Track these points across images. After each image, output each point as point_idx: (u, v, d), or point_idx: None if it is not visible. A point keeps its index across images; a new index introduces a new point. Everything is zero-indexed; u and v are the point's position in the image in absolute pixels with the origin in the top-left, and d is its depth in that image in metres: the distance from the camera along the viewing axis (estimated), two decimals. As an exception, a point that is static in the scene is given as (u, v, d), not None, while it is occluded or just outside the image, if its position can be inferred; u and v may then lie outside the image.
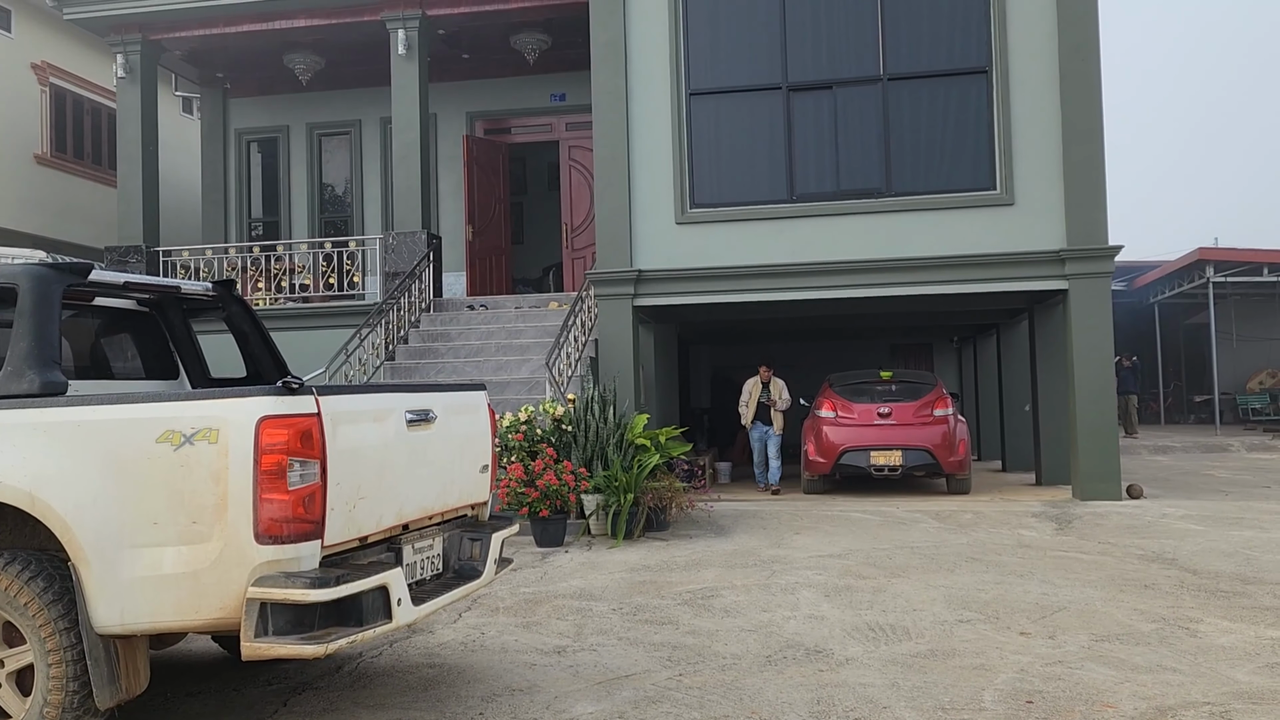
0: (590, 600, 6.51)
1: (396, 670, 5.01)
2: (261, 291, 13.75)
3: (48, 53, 15.87)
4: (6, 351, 3.93)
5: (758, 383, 12.90)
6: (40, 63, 15.72)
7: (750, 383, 12.98)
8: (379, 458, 3.96)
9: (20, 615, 3.59)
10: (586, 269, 13.40)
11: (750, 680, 4.70)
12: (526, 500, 8.69)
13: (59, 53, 16.10)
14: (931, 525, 9.49)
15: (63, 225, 15.89)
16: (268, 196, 16.45)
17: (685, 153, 11.70)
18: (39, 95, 15.76)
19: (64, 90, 16.25)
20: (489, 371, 11.47)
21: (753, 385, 12.92)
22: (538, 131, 15.70)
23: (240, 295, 5.32)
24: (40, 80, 15.77)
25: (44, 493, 3.58)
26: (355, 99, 15.88)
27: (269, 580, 3.44)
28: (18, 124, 15.26)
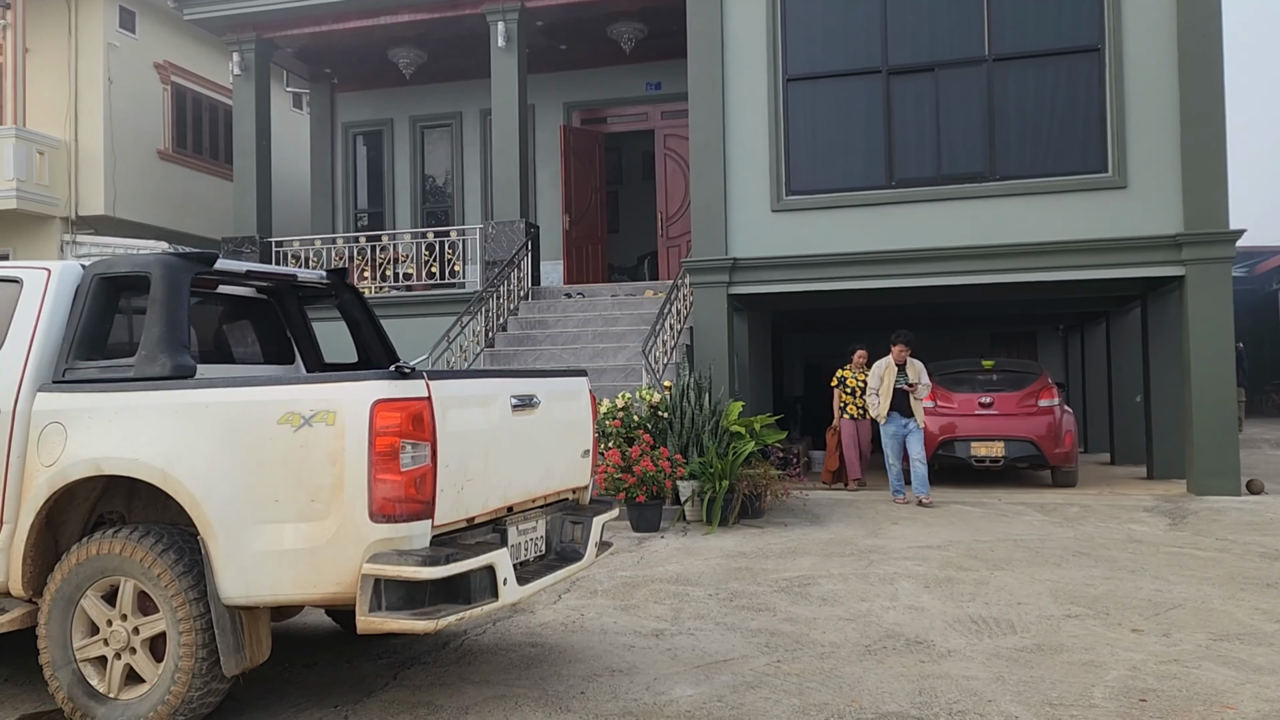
0: (687, 585, 6.56)
1: (500, 648, 5.15)
2: (367, 280, 14.17)
3: (169, 52, 16.61)
4: (141, 336, 4.16)
5: (891, 365, 10.48)
6: (162, 62, 16.46)
7: (882, 364, 10.56)
8: (485, 441, 4.07)
9: (154, 585, 3.81)
10: (681, 257, 13.42)
11: (849, 669, 4.69)
12: (623, 485, 8.79)
13: (179, 52, 16.83)
14: (1036, 518, 9.25)
15: (183, 218, 16.62)
16: (372, 188, 16.93)
17: (781, 139, 11.60)
18: (161, 93, 16.51)
19: (184, 88, 16.99)
20: (586, 359, 11.60)
21: (885, 368, 10.50)
22: (633, 121, 15.77)
23: (352, 284, 5.51)
24: (162, 79, 16.52)
25: (175, 469, 3.78)
26: (456, 91, 16.20)
27: (383, 557, 3.57)
28: (142, 121, 16.03)
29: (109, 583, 3.91)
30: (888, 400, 10.36)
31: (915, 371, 10.43)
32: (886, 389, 10.36)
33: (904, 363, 10.42)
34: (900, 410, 10.42)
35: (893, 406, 10.38)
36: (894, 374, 10.38)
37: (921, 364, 10.55)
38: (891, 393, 10.34)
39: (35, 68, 15.37)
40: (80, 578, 3.92)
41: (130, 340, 4.48)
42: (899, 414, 10.42)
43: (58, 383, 4.12)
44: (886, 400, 10.37)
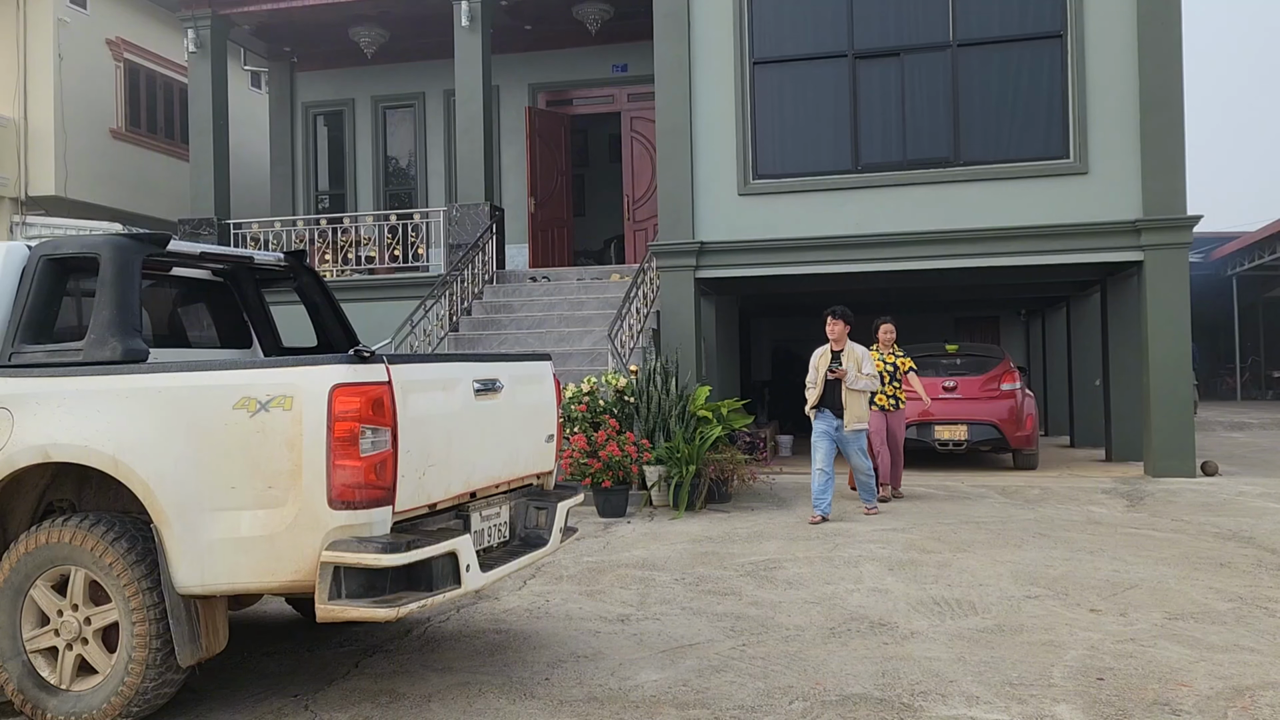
0: (653, 570, 6.54)
1: (464, 635, 5.10)
2: (328, 263, 13.97)
3: (121, 29, 16.21)
4: (90, 320, 4.05)
5: (826, 351, 8.56)
6: (115, 39, 16.07)
7: (819, 352, 8.63)
8: (447, 426, 4.01)
9: (105, 575, 3.72)
10: (648, 241, 13.36)
11: (814, 652, 4.69)
12: (589, 471, 8.75)
13: (132, 29, 16.43)
14: (997, 500, 9.35)
15: (137, 198, 16.28)
16: (334, 169, 16.68)
17: (748, 123, 11.57)
18: (114, 71, 16.12)
19: (137, 66, 16.60)
20: (551, 343, 11.53)
21: (820, 354, 8.59)
22: (599, 103, 15.65)
23: (311, 266, 5.42)
24: (115, 56, 16.12)
25: (127, 457, 3.69)
26: (419, 71, 15.98)
27: (342, 545, 3.51)
28: (94, 99, 15.64)
29: (59, 572, 3.81)
30: (819, 392, 8.44)
31: (853, 358, 8.42)
32: (820, 379, 8.45)
33: (842, 348, 8.47)
34: (831, 406, 8.40)
35: (825, 402, 8.45)
36: (827, 362, 8.45)
37: (865, 350, 8.57)
38: (823, 383, 8.44)
39: (-17, 43, 14.93)
40: (29, 567, 3.82)
41: (80, 324, 4.36)
42: (830, 411, 8.42)
43: (3, 367, 4.00)
44: (816, 392, 8.45)
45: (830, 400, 8.41)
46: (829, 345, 8.51)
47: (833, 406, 8.40)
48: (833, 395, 8.39)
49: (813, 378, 8.52)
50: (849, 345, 8.47)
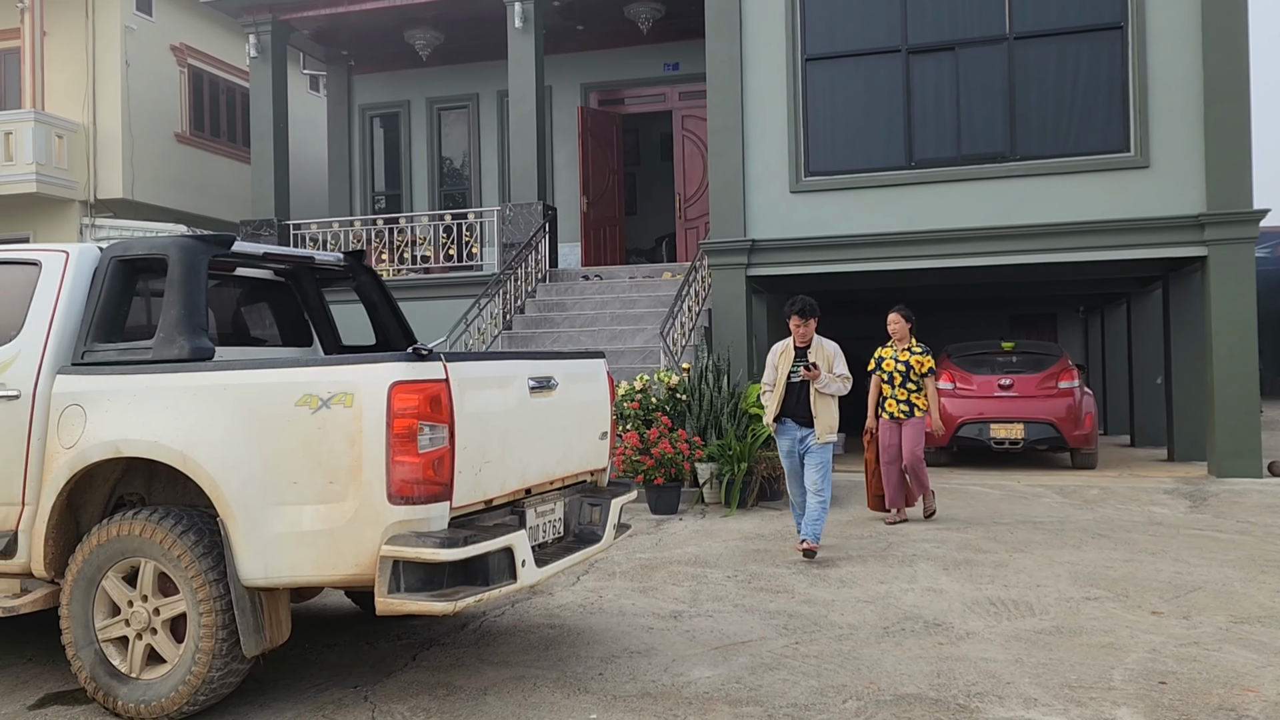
0: (705, 567, 6.56)
1: (518, 629, 5.16)
2: (385, 263, 14.19)
3: (186, 35, 16.62)
4: (159, 319, 4.17)
5: (788, 348, 7.01)
6: (179, 45, 16.48)
7: (778, 348, 7.09)
8: (503, 423, 4.07)
9: (174, 567, 3.83)
10: (700, 239, 13.36)
11: (868, 651, 4.67)
12: (641, 468, 8.79)
13: (196, 35, 16.84)
14: (1055, 500, 9.20)
15: (200, 200, 16.68)
16: (390, 170, 16.93)
17: (800, 120, 11.51)
18: (178, 76, 16.54)
19: (201, 71, 17.00)
20: (603, 341, 11.59)
21: (780, 352, 7.04)
22: (651, 102, 15.68)
23: (370, 266, 5.51)
24: (179, 62, 16.54)
25: (194, 451, 3.80)
26: (473, 73, 16.15)
27: (401, 539, 3.58)
28: (159, 104, 16.06)
29: (129, 564, 3.93)
30: (778, 398, 6.90)
31: (823, 357, 6.91)
32: (780, 381, 6.93)
33: (807, 344, 6.98)
34: (795, 414, 6.87)
35: (786, 410, 6.89)
36: (790, 360, 6.93)
37: (836, 347, 7.01)
38: (783, 386, 6.90)
39: (53, 51, 15.42)
40: (101, 559, 3.94)
41: (148, 323, 4.49)
42: (793, 420, 6.88)
43: (77, 365, 4.13)
44: (777, 398, 6.90)
45: (794, 407, 6.84)
46: (790, 340, 7.00)
47: (797, 415, 6.83)
48: (798, 401, 6.83)
49: (770, 379, 6.97)
50: (818, 341, 6.97)
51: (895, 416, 8.18)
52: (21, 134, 14.54)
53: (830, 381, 6.80)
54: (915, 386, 8.15)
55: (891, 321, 8.30)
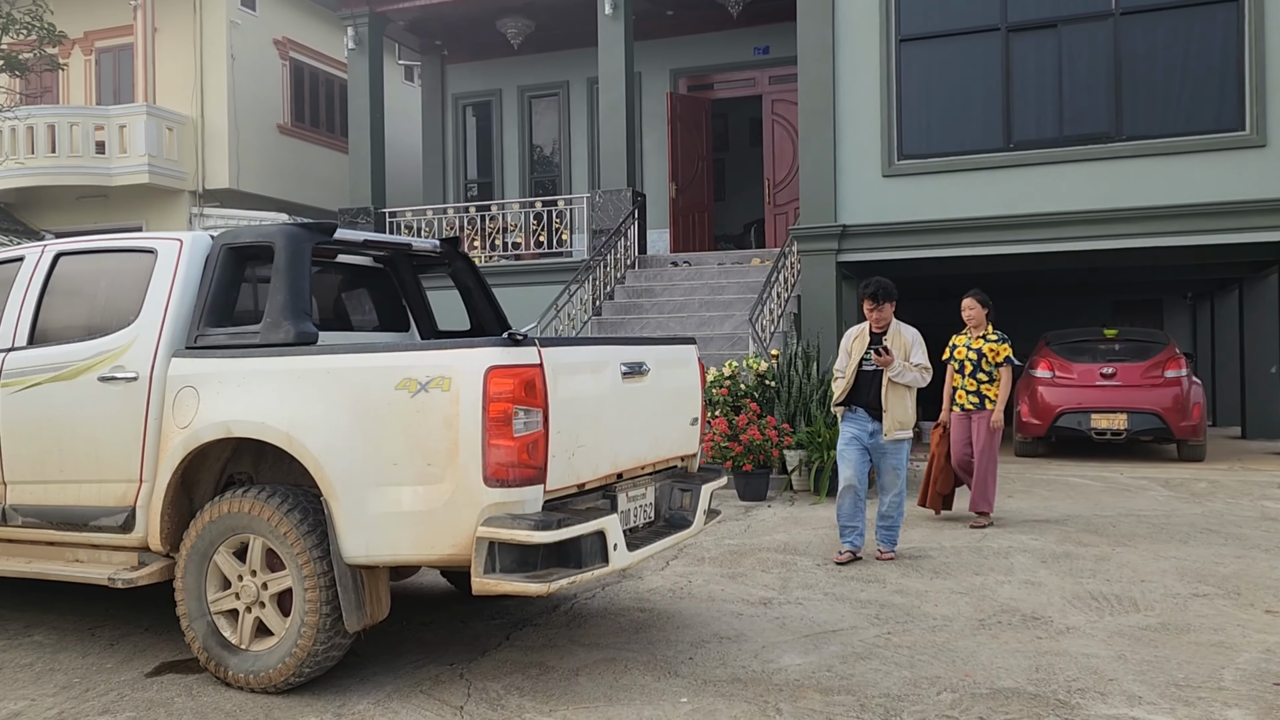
0: (794, 554, 6.52)
1: (609, 612, 5.21)
2: (477, 249, 14.42)
3: (287, 28, 17.13)
4: (265, 304, 4.32)
5: (863, 333, 6.54)
6: (281, 38, 16.99)
7: (852, 332, 6.64)
8: (596, 407, 4.11)
9: (280, 543, 3.97)
10: (789, 225, 13.24)
11: (962, 643, 4.59)
12: (730, 454, 8.77)
13: (296, 28, 17.34)
14: (1160, 493, 8.87)
15: (300, 189, 17.20)
16: (482, 158, 17.18)
17: (893, 102, 11.29)
18: (280, 69, 17.06)
19: (301, 63, 17.51)
20: (692, 327, 11.57)
21: (854, 337, 6.57)
22: (740, 86, 15.56)
23: (465, 252, 5.60)
24: (281, 55, 17.05)
25: (299, 433, 3.93)
26: (563, 61, 16.26)
27: (496, 521, 3.64)
28: (262, 97, 16.60)
29: (239, 540, 4.09)
30: (848, 385, 6.43)
31: (900, 344, 6.39)
32: (851, 367, 6.45)
33: (883, 329, 6.48)
34: (866, 404, 6.35)
35: (857, 399, 6.40)
36: (864, 346, 6.44)
37: (916, 334, 6.51)
38: (854, 372, 6.43)
39: (163, 46, 16.06)
40: (213, 535, 4.11)
41: (255, 308, 4.65)
42: (864, 411, 6.38)
43: (190, 349, 4.31)
44: (847, 385, 6.43)
45: (865, 396, 6.35)
46: (865, 324, 6.54)
47: (868, 404, 6.34)
48: (869, 390, 6.33)
49: (842, 364, 6.53)
50: (895, 326, 6.47)
51: (965, 408, 7.62)
52: (134, 127, 15.20)
53: (905, 370, 6.25)
54: (987, 376, 7.52)
55: (966, 307, 7.74)
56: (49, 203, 16.03)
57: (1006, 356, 7.52)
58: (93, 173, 15.33)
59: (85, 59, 16.68)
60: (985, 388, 7.53)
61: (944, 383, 7.89)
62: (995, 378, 7.51)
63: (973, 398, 7.57)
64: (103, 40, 16.57)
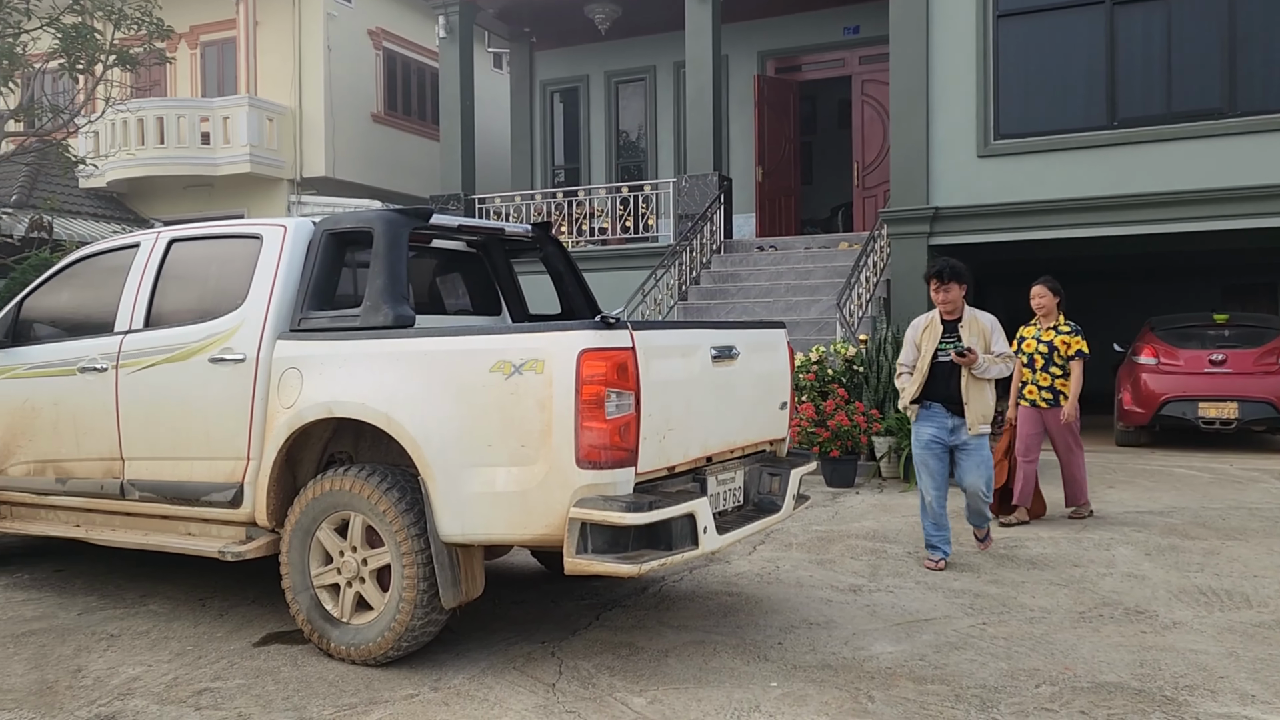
0: (884, 542, 6.43)
1: (697, 595, 5.23)
2: (563, 235, 14.53)
3: (380, 19, 17.48)
4: (365, 288, 4.43)
5: (934, 322, 5.88)
6: (375, 29, 17.35)
7: (921, 321, 5.98)
8: (686, 391, 4.11)
9: (379, 521, 4.09)
10: (878, 208, 13.01)
11: (1062, 635, 4.47)
12: (817, 440, 8.68)
13: (389, 18, 17.68)
14: (1274, 485, 8.48)
15: (393, 177, 17.57)
16: (569, 144, 17.29)
17: (990, 80, 10.96)
18: (373, 59, 17.43)
19: (394, 53, 17.85)
20: (778, 312, 11.48)
21: (924, 326, 5.92)
22: (829, 67, 15.32)
23: (556, 237, 5.65)
24: (375, 45, 17.42)
25: (397, 414, 4.03)
26: (650, 45, 16.22)
27: (589, 502, 3.68)
28: (357, 87, 16.99)
29: (340, 517, 4.22)
30: (919, 381, 5.79)
31: (977, 331, 5.79)
32: (924, 361, 5.79)
33: (956, 317, 5.85)
34: (945, 399, 5.77)
35: (932, 395, 5.79)
36: (936, 336, 5.81)
37: (993, 320, 5.87)
38: (928, 366, 5.77)
39: (264, 39, 16.55)
40: (316, 511, 4.25)
41: (355, 292, 4.78)
42: (942, 407, 5.80)
43: (294, 331, 4.45)
44: (918, 381, 5.80)
45: (942, 390, 5.73)
46: (934, 313, 5.90)
47: (947, 399, 5.74)
48: (947, 383, 5.72)
49: (910, 358, 5.88)
50: (970, 313, 5.83)
51: (1036, 404, 7.09)
52: (237, 118, 15.71)
53: (989, 364, 5.69)
54: (1061, 371, 7.02)
55: (1035, 295, 7.19)
56: (158, 192, 16.70)
57: (1079, 349, 7.03)
58: (198, 163, 15.90)
59: (191, 53, 17.29)
60: (1060, 383, 7.06)
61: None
62: (1068, 371, 7.04)
63: (1046, 394, 7.06)
64: (207, 34, 17.16)
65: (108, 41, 12.40)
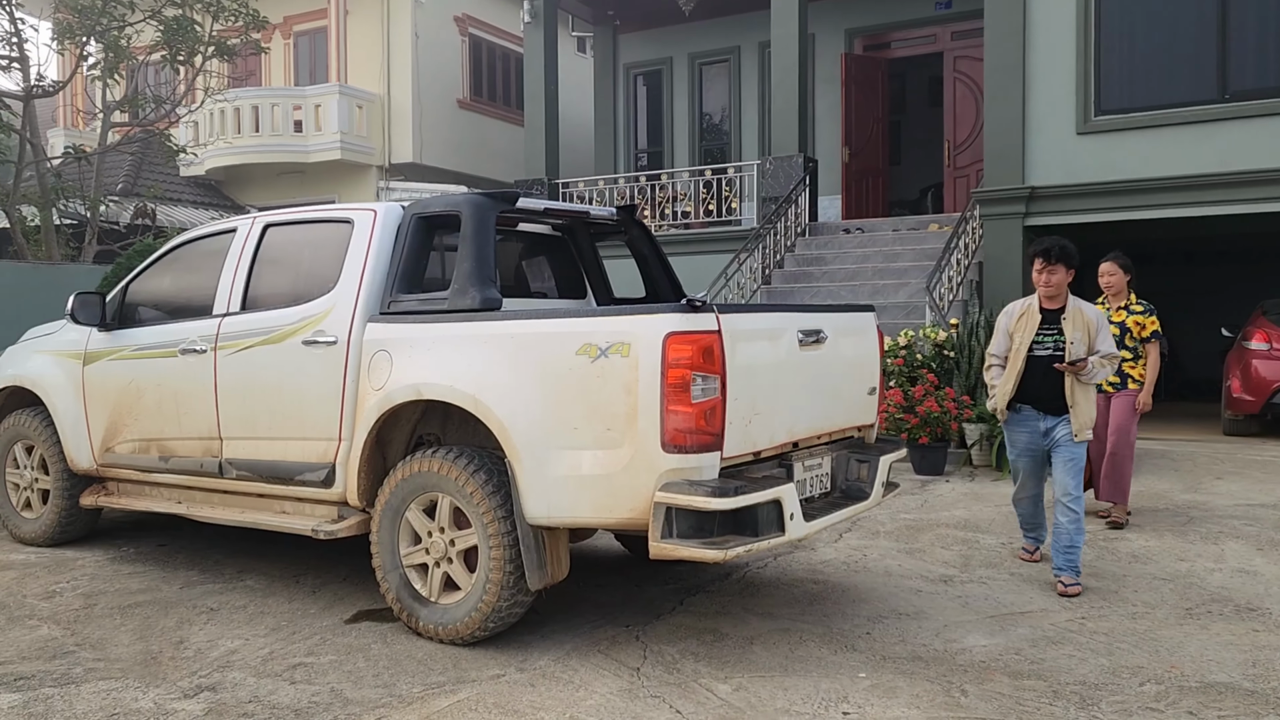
0: (976, 532, 6.26)
1: (782, 582, 5.16)
2: (646, 219, 14.50)
3: (466, 6, 17.65)
4: (453, 271, 4.46)
5: (1032, 309, 5.19)
6: (461, 15, 17.53)
7: (1015, 308, 5.31)
8: (773, 375, 4.05)
9: (467, 502, 4.12)
10: (970, 189, 12.66)
11: (1167, 632, 4.29)
12: (905, 426, 8.50)
13: (475, 5, 17.84)
14: (1396, 480, 8.02)
15: (478, 162, 17.76)
16: (652, 127, 17.23)
17: (1091, 53, 10.53)
18: (459, 45, 17.62)
19: (479, 39, 18.02)
20: (865, 296, 11.26)
21: (1019, 314, 5.25)
22: (920, 44, 14.93)
23: (641, 220, 5.61)
24: (461, 31, 17.60)
25: (485, 396, 4.05)
26: (734, 25, 16.04)
27: (674, 487, 3.65)
28: (444, 73, 17.20)
29: (429, 498, 4.27)
30: (1014, 378, 5.14)
31: (1081, 326, 5.06)
32: (1017, 355, 5.14)
33: (1059, 306, 5.14)
34: (1039, 399, 5.12)
35: (1025, 394, 5.15)
36: (1034, 327, 5.14)
37: (1099, 314, 5.16)
38: (1023, 361, 5.13)
39: (354, 28, 16.86)
40: (405, 492, 4.31)
41: (443, 275, 4.82)
42: (1035, 408, 5.14)
43: (383, 314, 4.50)
44: (1012, 378, 5.14)
45: (1039, 390, 5.08)
46: (1032, 299, 5.23)
47: (1043, 401, 5.09)
48: (1046, 382, 5.06)
49: (1001, 348, 5.27)
50: (1074, 305, 5.12)
51: (1102, 388, 6.44)
52: (328, 106, 16.06)
53: (1097, 369, 5.01)
54: (1132, 353, 6.45)
55: (1104, 273, 6.60)
56: (253, 179, 17.19)
57: (1154, 330, 6.49)
58: (291, 150, 16.31)
59: (284, 42, 17.72)
60: (1129, 366, 6.44)
61: None
62: (1141, 354, 6.51)
63: (1114, 377, 6.42)
64: (300, 24, 17.55)
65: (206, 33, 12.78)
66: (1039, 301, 5.17)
